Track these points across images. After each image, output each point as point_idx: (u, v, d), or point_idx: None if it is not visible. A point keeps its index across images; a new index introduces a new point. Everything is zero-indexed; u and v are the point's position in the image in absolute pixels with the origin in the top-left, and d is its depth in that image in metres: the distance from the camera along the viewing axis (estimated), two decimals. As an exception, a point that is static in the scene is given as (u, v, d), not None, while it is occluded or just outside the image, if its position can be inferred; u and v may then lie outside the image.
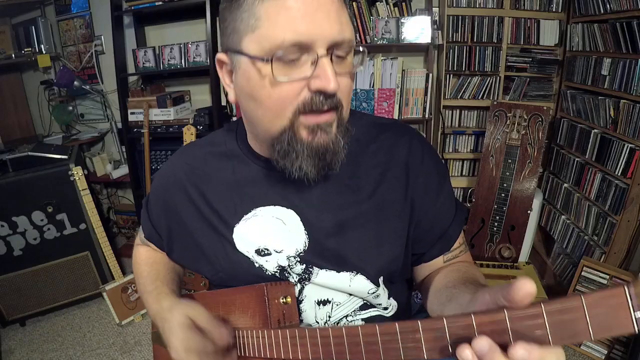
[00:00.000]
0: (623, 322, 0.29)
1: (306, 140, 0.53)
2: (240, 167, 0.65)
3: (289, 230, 0.62)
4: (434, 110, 2.15)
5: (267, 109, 0.52)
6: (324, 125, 0.52)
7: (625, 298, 0.29)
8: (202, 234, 0.66)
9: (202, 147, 0.71)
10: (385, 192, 0.62)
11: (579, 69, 1.86)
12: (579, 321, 0.30)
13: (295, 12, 0.46)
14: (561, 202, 2.00)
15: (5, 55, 2.40)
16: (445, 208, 0.66)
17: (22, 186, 1.79)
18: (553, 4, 1.95)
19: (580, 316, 0.30)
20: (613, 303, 0.29)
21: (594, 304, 0.30)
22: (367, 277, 0.63)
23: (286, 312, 0.59)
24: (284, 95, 0.50)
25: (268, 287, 0.60)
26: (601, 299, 0.30)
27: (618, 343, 1.48)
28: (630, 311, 0.29)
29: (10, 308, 1.90)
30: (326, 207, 0.62)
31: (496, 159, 1.87)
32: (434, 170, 0.65)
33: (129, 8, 2.13)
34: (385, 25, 1.94)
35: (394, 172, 0.63)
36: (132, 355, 1.74)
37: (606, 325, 0.30)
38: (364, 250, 0.62)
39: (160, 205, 0.72)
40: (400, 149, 0.64)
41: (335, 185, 0.62)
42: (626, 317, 0.29)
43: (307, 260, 0.62)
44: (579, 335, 0.31)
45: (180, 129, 2.07)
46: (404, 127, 0.69)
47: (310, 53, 0.48)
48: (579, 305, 0.30)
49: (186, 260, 0.72)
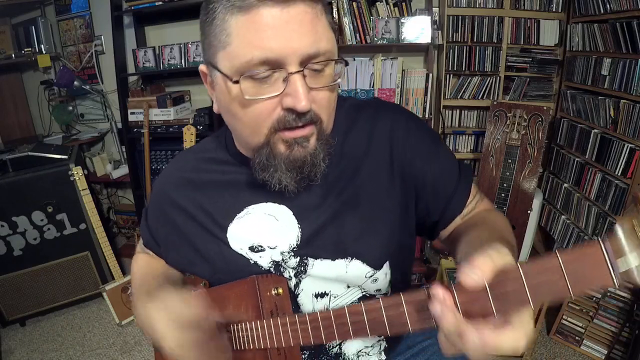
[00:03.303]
0: (602, 277, 0.29)
1: (284, 154, 0.52)
2: (230, 170, 0.66)
3: (282, 225, 0.63)
4: (434, 110, 2.15)
5: (244, 125, 0.53)
6: (300, 140, 0.52)
7: (602, 253, 0.29)
8: (197, 237, 0.67)
9: (193, 154, 0.72)
10: (370, 172, 0.62)
11: (579, 69, 1.86)
12: (558, 280, 0.31)
13: (264, 27, 0.45)
14: (561, 202, 2.00)
15: (5, 55, 2.40)
16: (446, 171, 0.64)
17: (22, 186, 1.79)
18: (553, 4, 1.95)
19: (559, 276, 0.30)
20: (590, 259, 0.29)
21: (571, 262, 0.30)
22: (363, 261, 0.62)
23: (278, 304, 0.60)
24: (257, 113, 0.50)
25: (259, 279, 0.60)
26: (578, 257, 0.30)
27: (618, 343, 1.49)
28: (608, 265, 0.29)
29: (10, 308, 1.90)
30: (316, 197, 0.62)
31: (496, 159, 1.87)
32: (423, 137, 0.64)
33: (129, 8, 2.13)
34: (385, 25, 1.94)
35: (376, 150, 0.62)
36: (132, 355, 1.74)
37: (585, 281, 0.30)
38: (357, 234, 0.61)
39: (157, 212, 0.73)
40: (381, 125, 0.63)
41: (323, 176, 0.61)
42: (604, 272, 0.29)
43: (301, 253, 0.63)
44: (558, 293, 0.31)
45: (180, 129, 2.06)
46: (385, 103, 0.68)
47: (282, 70, 0.47)
48: (556, 265, 0.31)
49: (184, 265, 0.73)
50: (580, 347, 1.60)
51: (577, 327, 1.60)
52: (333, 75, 0.53)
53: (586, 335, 1.58)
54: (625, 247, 0.28)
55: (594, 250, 0.29)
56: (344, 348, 0.67)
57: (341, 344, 0.67)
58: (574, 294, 0.30)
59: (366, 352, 0.69)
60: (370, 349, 0.69)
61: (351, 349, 0.68)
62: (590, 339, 1.57)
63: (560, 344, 1.65)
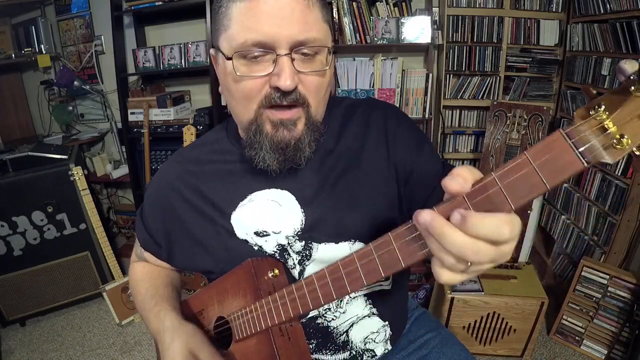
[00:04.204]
0: (571, 162, 0.30)
1: (269, 134, 0.56)
2: (232, 159, 0.68)
3: (285, 211, 0.64)
4: (434, 110, 2.15)
5: (237, 101, 0.57)
6: (287, 122, 0.55)
7: (564, 140, 0.30)
8: (200, 227, 0.68)
9: (194, 147, 0.74)
10: (369, 159, 0.66)
11: (579, 69, 1.86)
12: (531, 175, 0.31)
13: (259, 14, 0.50)
14: (561, 202, 2.00)
15: (5, 55, 2.40)
16: (431, 164, 0.67)
17: (22, 186, 1.79)
18: (553, 4, 1.95)
19: (530, 170, 0.31)
20: (555, 148, 0.31)
21: (537, 155, 0.31)
22: (365, 244, 0.63)
23: (276, 285, 0.61)
24: (248, 89, 0.54)
25: (254, 262, 0.61)
26: (543, 148, 0.31)
27: (618, 343, 1.49)
28: (572, 150, 0.30)
29: (10, 308, 1.90)
30: (319, 183, 0.64)
31: (496, 159, 1.87)
32: (411, 131, 0.68)
33: (129, 8, 2.13)
34: (385, 25, 1.94)
35: (373, 138, 0.66)
36: (132, 355, 1.74)
37: (557, 170, 0.31)
38: (358, 217, 0.64)
39: (156, 212, 0.73)
40: (376, 117, 0.68)
41: (324, 163, 0.65)
42: (572, 157, 0.30)
43: (306, 237, 0.64)
44: (536, 188, 0.32)
45: (180, 129, 2.06)
46: (378, 101, 0.73)
47: (272, 53, 0.52)
48: (524, 161, 0.32)
49: (186, 260, 0.73)
50: (580, 347, 1.60)
51: (577, 327, 1.60)
52: (324, 62, 0.56)
53: (586, 335, 1.58)
54: (582, 128, 0.30)
55: (555, 138, 0.31)
56: (351, 335, 0.68)
57: (348, 330, 0.68)
58: (550, 185, 0.31)
59: (373, 338, 0.70)
60: (376, 335, 0.70)
61: (358, 336, 0.69)
62: (590, 339, 1.57)
63: (560, 344, 1.65)
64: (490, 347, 1.57)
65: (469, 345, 1.56)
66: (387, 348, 0.71)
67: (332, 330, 0.67)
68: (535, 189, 0.32)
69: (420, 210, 0.36)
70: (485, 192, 0.33)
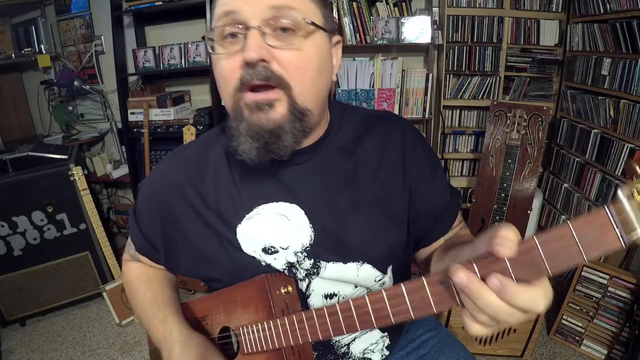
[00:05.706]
0: (611, 240, 0.31)
1: (246, 118, 0.52)
2: (236, 165, 0.62)
3: (294, 225, 0.61)
4: (434, 110, 2.15)
5: (219, 87, 0.54)
6: (262, 104, 0.50)
7: (608, 218, 0.31)
8: (203, 238, 0.63)
9: (195, 148, 0.68)
10: (385, 178, 0.63)
11: (579, 69, 1.86)
12: (571, 247, 0.32)
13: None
14: (561, 202, 2.00)
15: (5, 55, 2.40)
16: (440, 191, 0.67)
17: (22, 186, 1.79)
18: (553, 4, 1.95)
19: (571, 242, 0.32)
20: (598, 224, 0.31)
21: (581, 228, 0.32)
22: (373, 266, 0.63)
23: (289, 302, 0.59)
24: (225, 71, 0.51)
25: (268, 278, 0.59)
26: (587, 223, 0.32)
27: (618, 343, 1.48)
28: (614, 229, 0.31)
29: (10, 308, 1.90)
30: (330, 198, 0.61)
31: (496, 159, 1.87)
32: (426, 156, 0.67)
33: (129, 8, 2.13)
34: (385, 25, 1.94)
35: (390, 157, 0.64)
36: (132, 355, 1.74)
37: (596, 245, 0.31)
38: (370, 238, 0.62)
39: (152, 214, 0.67)
40: (394, 135, 0.65)
41: (336, 176, 0.62)
42: (613, 236, 0.31)
43: (314, 254, 0.61)
44: (573, 259, 0.32)
45: (180, 129, 2.06)
46: (395, 116, 0.71)
47: (244, 26, 0.48)
48: (567, 231, 0.32)
49: (188, 268, 0.68)
50: (580, 347, 1.60)
51: (577, 327, 1.60)
52: (314, 44, 0.52)
53: (586, 335, 1.58)
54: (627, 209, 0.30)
55: (600, 215, 0.31)
56: (351, 348, 0.68)
57: (350, 344, 0.67)
58: (588, 259, 0.32)
59: (371, 349, 0.69)
60: (375, 346, 0.70)
61: (358, 348, 0.68)
62: (590, 339, 1.57)
63: (560, 344, 1.65)
64: (490, 347, 1.57)
65: (469, 345, 1.56)
66: (385, 354, 0.71)
67: (334, 344, 0.67)
68: (573, 260, 0.32)
69: (456, 267, 0.36)
70: (526, 256, 0.34)
